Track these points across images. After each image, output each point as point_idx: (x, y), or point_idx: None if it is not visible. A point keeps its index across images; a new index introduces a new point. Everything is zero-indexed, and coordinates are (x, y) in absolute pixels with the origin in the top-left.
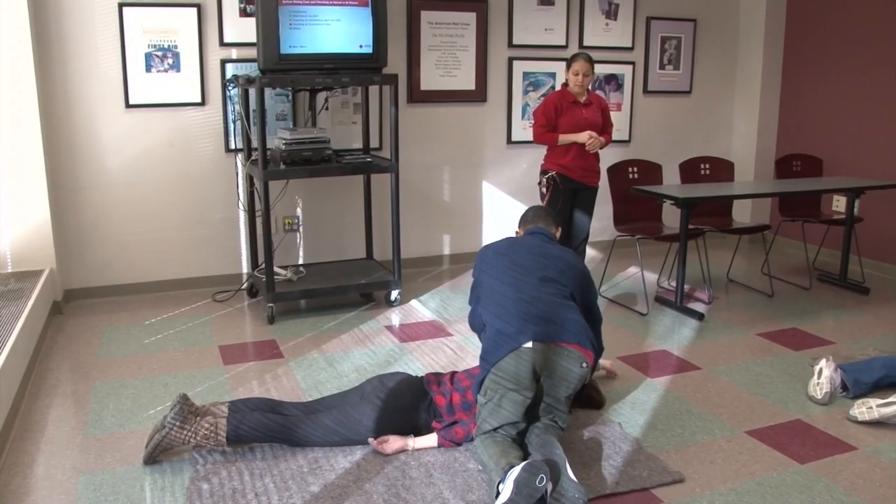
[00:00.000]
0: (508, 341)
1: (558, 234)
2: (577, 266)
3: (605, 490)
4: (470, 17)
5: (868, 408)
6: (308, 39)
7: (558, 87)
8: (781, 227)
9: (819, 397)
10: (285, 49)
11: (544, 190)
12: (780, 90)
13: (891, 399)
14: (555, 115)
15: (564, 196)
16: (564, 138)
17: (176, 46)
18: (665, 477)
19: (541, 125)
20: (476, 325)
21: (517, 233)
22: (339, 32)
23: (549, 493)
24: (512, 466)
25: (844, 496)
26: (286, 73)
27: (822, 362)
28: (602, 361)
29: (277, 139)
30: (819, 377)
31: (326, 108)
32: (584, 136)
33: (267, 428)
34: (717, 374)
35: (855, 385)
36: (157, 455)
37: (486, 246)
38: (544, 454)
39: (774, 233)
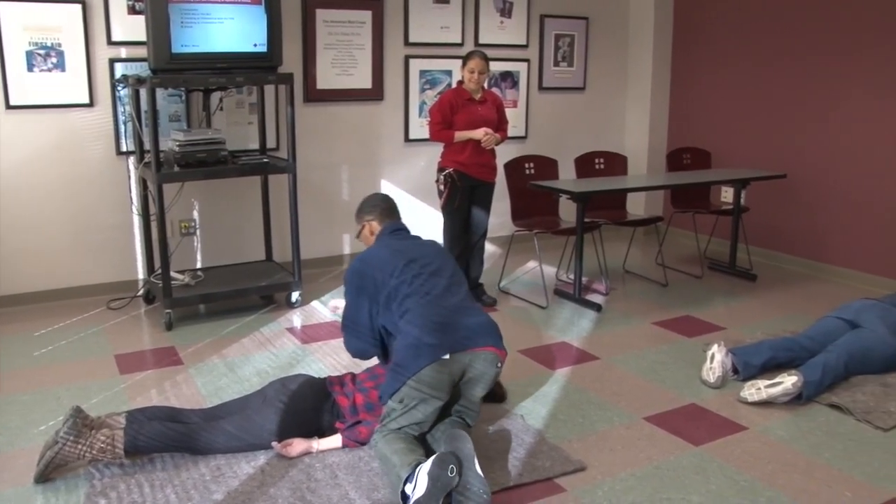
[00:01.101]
0: (427, 352)
1: None
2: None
3: (509, 482)
4: (365, 16)
5: (757, 389)
6: (200, 38)
7: (454, 85)
8: (673, 219)
9: (712, 381)
10: (177, 48)
11: (442, 187)
12: (670, 86)
13: (777, 379)
14: (450, 113)
15: (462, 193)
16: (460, 135)
17: (60, 45)
18: (567, 466)
19: (437, 123)
20: (367, 343)
21: (368, 220)
22: (232, 31)
23: (455, 486)
24: (419, 463)
25: (737, 474)
26: (178, 72)
27: (714, 347)
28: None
29: (171, 141)
30: (711, 362)
31: (221, 109)
32: (479, 133)
33: (167, 437)
34: (616, 363)
35: (745, 368)
36: (49, 473)
37: (376, 250)
38: (454, 447)
39: (667, 224)
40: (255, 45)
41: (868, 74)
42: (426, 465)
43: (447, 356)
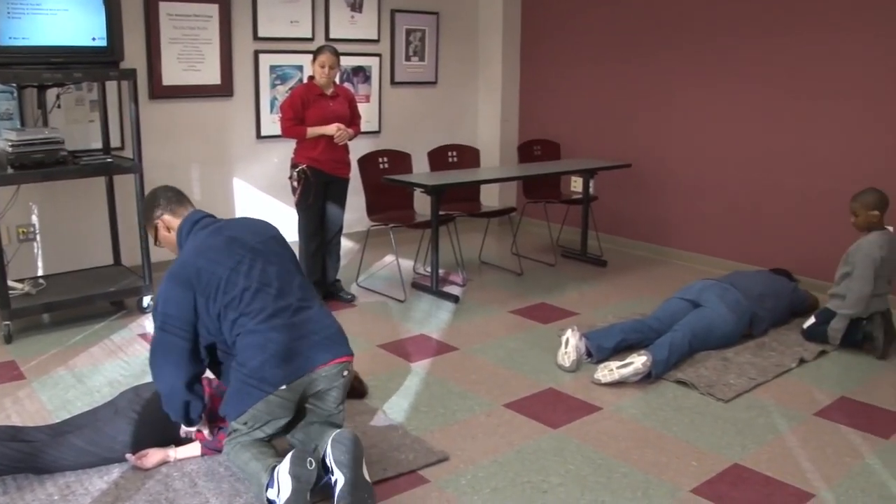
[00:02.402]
0: (264, 386)
1: None
2: (281, 236)
3: (373, 477)
4: (212, 9)
5: (609, 370)
6: (31, 30)
7: (305, 80)
8: (526, 209)
9: (567, 365)
10: (4, 41)
11: (295, 184)
12: (520, 80)
13: (628, 360)
14: (302, 108)
15: (316, 189)
16: (313, 131)
17: None
18: (430, 457)
19: (288, 118)
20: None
21: (158, 217)
22: (67, 23)
23: (316, 480)
24: (275, 466)
25: (593, 453)
26: (7, 67)
27: (569, 332)
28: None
29: (2, 141)
30: (566, 347)
31: (59, 106)
32: (332, 129)
33: (8, 458)
34: (474, 352)
35: (598, 351)
36: None
37: (200, 244)
38: (338, 454)
39: (520, 214)
40: (94, 39)
41: (700, 68)
42: (283, 466)
43: (284, 386)
